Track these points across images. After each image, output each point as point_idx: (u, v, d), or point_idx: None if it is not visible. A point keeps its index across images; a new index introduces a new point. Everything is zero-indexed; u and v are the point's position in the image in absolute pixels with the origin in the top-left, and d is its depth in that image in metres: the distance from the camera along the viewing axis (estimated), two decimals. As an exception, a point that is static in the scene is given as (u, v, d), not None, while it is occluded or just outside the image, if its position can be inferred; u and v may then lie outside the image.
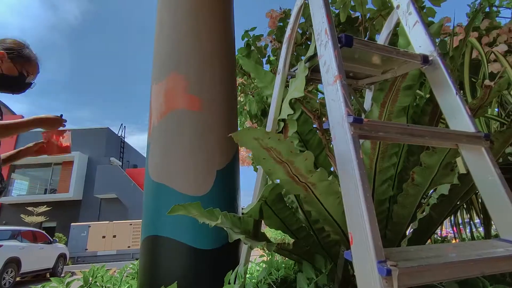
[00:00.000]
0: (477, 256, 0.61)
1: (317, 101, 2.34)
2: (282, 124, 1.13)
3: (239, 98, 3.04)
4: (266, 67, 2.84)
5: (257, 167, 1.26)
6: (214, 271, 1.38)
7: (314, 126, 2.37)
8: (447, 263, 0.57)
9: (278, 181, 0.88)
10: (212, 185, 1.48)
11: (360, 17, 2.02)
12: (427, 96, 1.52)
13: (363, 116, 1.22)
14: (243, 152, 3.37)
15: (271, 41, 2.39)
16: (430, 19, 1.96)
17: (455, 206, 1.11)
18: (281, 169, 0.77)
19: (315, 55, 1.03)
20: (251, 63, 1.28)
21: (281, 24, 2.34)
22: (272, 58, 2.53)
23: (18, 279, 7.96)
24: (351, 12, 2.07)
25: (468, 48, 1.80)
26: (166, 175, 1.50)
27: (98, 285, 1.32)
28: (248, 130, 0.69)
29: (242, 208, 1.87)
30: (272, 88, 1.21)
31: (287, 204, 1.10)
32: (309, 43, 2.18)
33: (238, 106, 3.02)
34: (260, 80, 1.27)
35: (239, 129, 1.76)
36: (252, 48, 2.46)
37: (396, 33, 1.18)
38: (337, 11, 2.12)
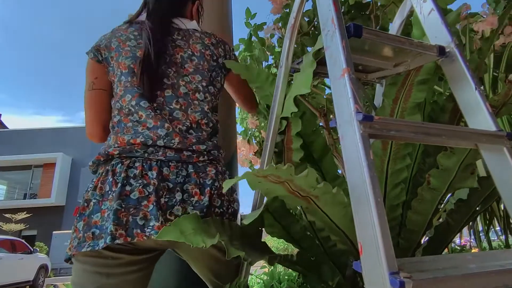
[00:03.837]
0: (499, 267, 0.61)
1: (324, 97, 2.33)
2: (284, 123, 1.12)
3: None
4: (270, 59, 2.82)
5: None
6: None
7: (321, 124, 2.37)
8: (466, 275, 0.57)
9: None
10: (208, 189, 1.48)
11: (371, 2, 2.01)
12: (447, 92, 1.52)
13: (373, 113, 1.22)
14: (243, 153, 3.36)
15: (274, 29, 2.37)
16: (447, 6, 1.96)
17: (474, 212, 1.10)
18: (280, 187, 0.76)
19: (323, 47, 1.03)
20: (239, 64, 1.23)
21: (287, 10, 2.31)
22: (277, 49, 2.51)
23: (-5, 292, 7.97)
24: None
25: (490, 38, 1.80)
26: (158, 179, 1.49)
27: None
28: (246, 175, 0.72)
29: (241, 213, 1.87)
30: (269, 86, 1.20)
31: (290, 210, 1.10)
32: (317, 32, 2.16)
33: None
34: (253, 81, 1.24)
35: (238, 125, 1.75)
36: (254, 38, 2.44)
37: (410, 23, 1.18)
38: None
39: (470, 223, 2.18)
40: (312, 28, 2.12)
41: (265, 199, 1.05)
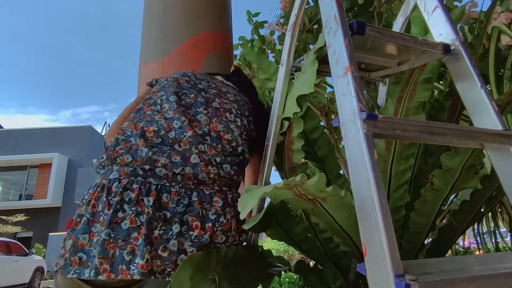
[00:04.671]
0: (504, 269, 0.61)
1: (326, 96, 2.33)
2: (286, 123, 1.11)
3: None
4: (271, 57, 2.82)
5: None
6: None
7: (321, 124, 2.37)
8: (472, 277, 0.57)
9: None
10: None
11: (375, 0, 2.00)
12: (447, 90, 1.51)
13: (376, 112, 1.22)
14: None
15: (277, 24, 2.35)
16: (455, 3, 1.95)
17: (478, 212, 1.10)
18: (287, 192, 0.75)
19: (325, 45, 1.03)
20: (253, 51, 1.25)
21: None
22: (278, 47, 2.50)
23: (-10, 295, 7.95)
24: None
25: (494, 35, 1.78)
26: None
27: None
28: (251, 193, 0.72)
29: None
30: (276, 81, 1.19)
31: (291, 212, 1.09)
32: (320, 29, 2.15)
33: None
34: (264, 71, 1.24)
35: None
36: (255, 36, 2.44)
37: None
38: None
39: (475, 225, 2.18)
40: (315, 26, 2.11)
41: (266, 201, 1.04)
